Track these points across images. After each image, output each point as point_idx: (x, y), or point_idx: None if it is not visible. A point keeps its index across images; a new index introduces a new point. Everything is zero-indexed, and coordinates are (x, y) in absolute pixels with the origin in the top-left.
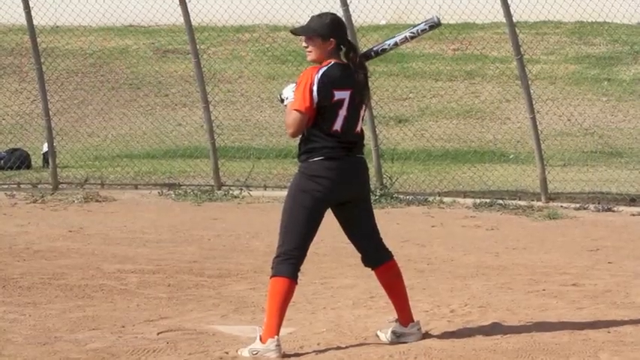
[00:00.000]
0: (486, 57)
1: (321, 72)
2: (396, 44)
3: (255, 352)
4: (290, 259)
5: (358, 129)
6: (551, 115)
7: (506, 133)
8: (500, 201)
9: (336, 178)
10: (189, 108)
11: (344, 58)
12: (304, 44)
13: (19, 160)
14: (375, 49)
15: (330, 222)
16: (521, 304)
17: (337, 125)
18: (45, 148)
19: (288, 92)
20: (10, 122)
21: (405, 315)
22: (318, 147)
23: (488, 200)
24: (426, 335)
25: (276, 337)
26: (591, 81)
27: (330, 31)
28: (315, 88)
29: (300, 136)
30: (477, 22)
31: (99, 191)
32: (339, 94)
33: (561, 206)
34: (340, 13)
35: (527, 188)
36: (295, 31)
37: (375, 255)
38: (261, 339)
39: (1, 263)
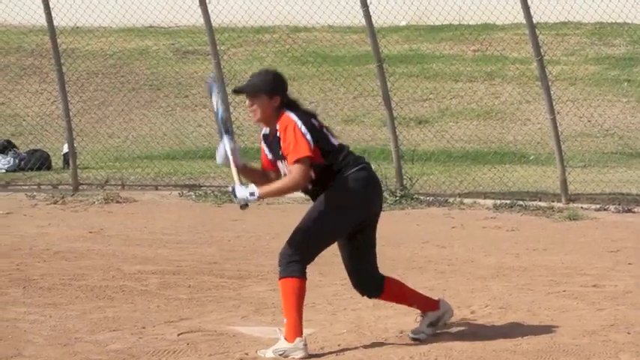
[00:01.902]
0: (506, 58)
1: (296, 120)
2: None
3: (281, 352)
4: (300, 262)
5: None
6: (571, 116)
7: (527, 134)
8: (521, 202)
9: (372, 189)
10: (209, 109)
11: (306, 118)
12: (249, 103)
13: (39, 161)
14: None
15: None
16: (542, 305)
17: (335, 141)
18: (65, 148)
19: (242, 192)
20: (31, 123)
21: (429, 303)
22: (343, 163)
23: (508, 201)
24: (447, 336)
25: (303, 336)
26: (611, 82)
27: (276, 87)
28: (305, 132)
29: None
30: (498, 23)
31: (119, 192)
32: (315, 121)
33: (581, 207)
34: (360, 14)
35: (548, 189)
36: (240, 90)
37: (378, 282)
38: (286, 339)
39: (22, 264)
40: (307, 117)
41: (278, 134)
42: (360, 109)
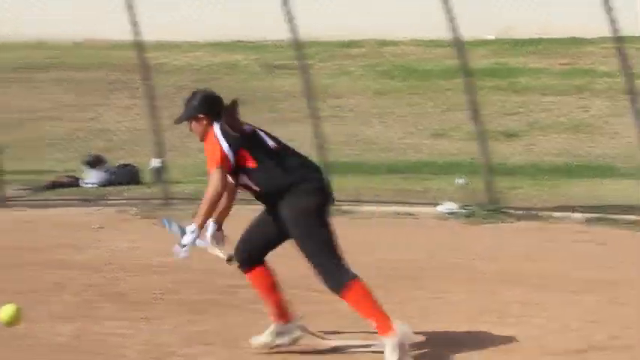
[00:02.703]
0: (595, 71)
1: (216, 131)
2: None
3: (394, 346)
4: (336, 271)
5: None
6: None
7: (615, 147)
8: (611, 216)
9: (319, 183)
10: (298, 123)
11: (226, 127)
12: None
13: (129, 175)
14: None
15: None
16: (635, 319)
17: (272, 143)
18: (155, 163)
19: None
20: (122, 138)
21: (281, 313)
22: (286, 168)
23: (599, 215)
24: (539, 350)
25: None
26: None
27: (199, 108)
28: (221, 141)
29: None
30: (586, 37)
31: None
32: (245, 128)
33: None
34: (446, 27)
35: (638, 203)
36: (177, 121)
37: (254, 259)
38: (386, 336)
39: (114, 279)
40: (228, 126)
41: None
42: (448, 122)
